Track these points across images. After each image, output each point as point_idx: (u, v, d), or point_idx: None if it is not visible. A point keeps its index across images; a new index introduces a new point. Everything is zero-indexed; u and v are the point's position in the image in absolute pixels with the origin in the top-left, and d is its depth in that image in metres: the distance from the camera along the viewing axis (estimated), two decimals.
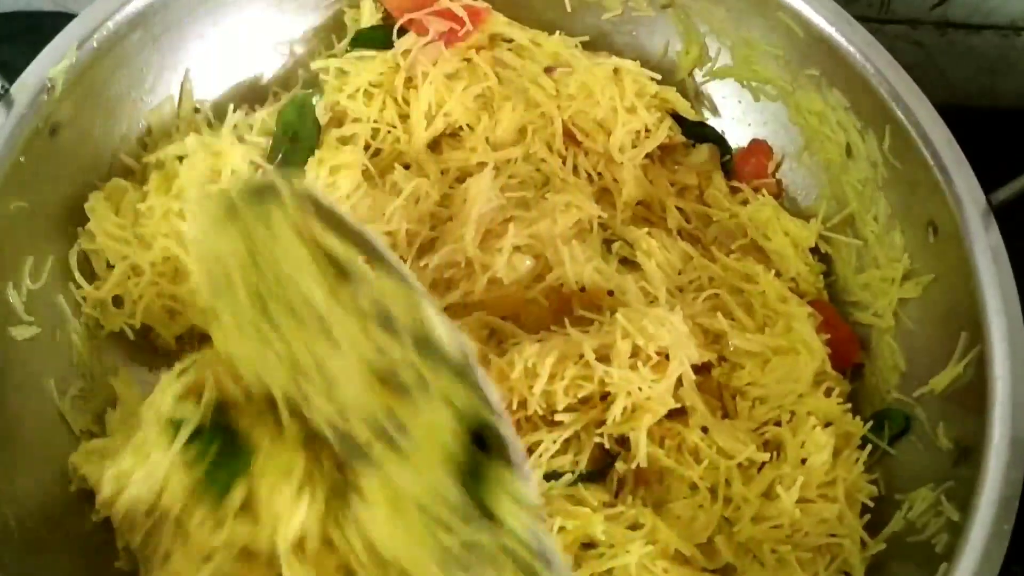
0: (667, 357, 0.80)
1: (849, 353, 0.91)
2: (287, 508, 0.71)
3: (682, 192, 0.98)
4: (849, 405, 0.86)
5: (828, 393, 0.85)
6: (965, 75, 1.18)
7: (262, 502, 0.73)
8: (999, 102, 1.20)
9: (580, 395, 0.80)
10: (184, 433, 0.72)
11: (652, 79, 0.96)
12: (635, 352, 0.80)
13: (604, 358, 0.80)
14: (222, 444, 0.74)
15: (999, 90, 1.19)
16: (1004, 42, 1.16)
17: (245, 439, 0.75)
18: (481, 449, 0.62)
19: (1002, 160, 0.84)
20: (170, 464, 0.72)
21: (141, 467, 0.72)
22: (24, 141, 0.79)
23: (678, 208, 0.96)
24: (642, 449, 0.79)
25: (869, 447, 0.83)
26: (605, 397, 0.81)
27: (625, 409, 0.79)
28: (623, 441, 0.82)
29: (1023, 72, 1.17)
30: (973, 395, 0.78)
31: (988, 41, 1.17)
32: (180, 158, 0.88)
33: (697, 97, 1.01)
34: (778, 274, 0.92)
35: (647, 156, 0.96)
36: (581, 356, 0.79)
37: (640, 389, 0.79)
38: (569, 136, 0.95)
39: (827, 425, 0.83)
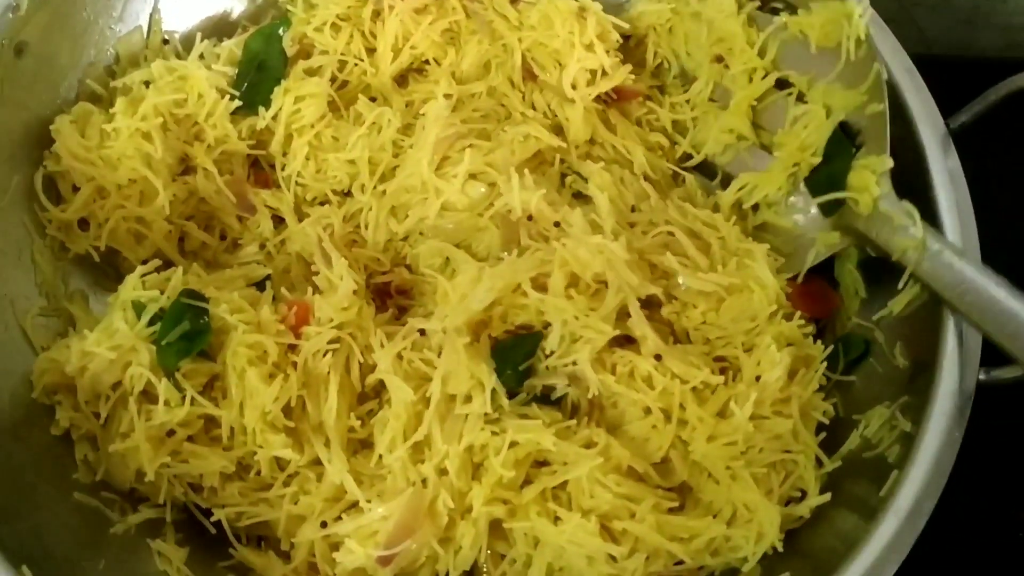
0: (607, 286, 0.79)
1: (824, 306, 0.90)
2: (258, 388, 0.76)
3: (651, 150, 0.96)
4: (811, 328, 0.86)
5: (789, 318, 0.85)
6: (940, 27, 1.19)
7: (231, 382, 0.75)
8: (975, 53, 1.21)
9: (517, 322, 0.80)
10: (150, 310, 0.75)
11: (619, 29, 0.95)
12: (574, 281, 0.80)
13: (542, 287, 0.79)
14: (192, 327, 0.77)
15: (974, 41, 1.20)
16: None
17: (218, 322, 0.77)
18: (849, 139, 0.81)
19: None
20: (135, 339, 0.75)
21: (108, 342, 0.74)
22: None
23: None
24: (590, 379, 0.78)
25: (824, 364, 0.83)
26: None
27: (563, 338, 0.79)
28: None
29: (997, 23, 1.18)
30: (929, 313, 0.78)
31: None
32: (146, 83, 0.89)
33: None
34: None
35: (609, 101, 0.95)
36: (519, 285, 0.79)
37: (576, 318, 0.78)
38: (527, 70, 0.95)
39: (788, 345, 0.82)
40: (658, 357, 0.80)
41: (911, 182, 0.82)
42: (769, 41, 0.89)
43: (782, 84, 0.90)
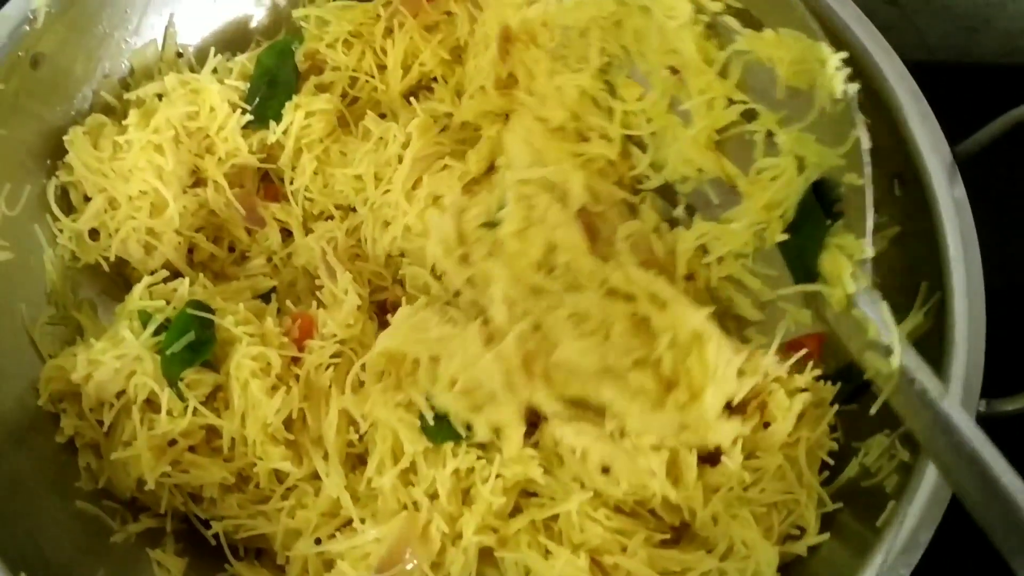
0: None
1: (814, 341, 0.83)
2: (261, 400, 0.76)
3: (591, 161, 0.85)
4: (819, 371, 0.84)
5: (800, 369, 0.81)
6: (942, 33, 1.17)
7: (234, 393, 0.75)
8: (977, 59, 1.19)
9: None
10: (155, 320, 0.76)
11: None
12: None
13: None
14: (198, 337, 0.78)
15: (976, 47, 1.19)
16: None
17: (223, 334, 0.78)
18: (825, 210, 0.67)
19: (979, 115, 0.84)
20: (140, 349, 0.76)
21: (113, 351, 0.75)
22: (4, 69, 0.82)
23: None
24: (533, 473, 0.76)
25: (835, 408, 0.82)
26: None
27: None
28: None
29: (999, 29, 1.16)
30: (932, 341, 0.78)
31: None
32: (160, 96, 0.90)
33: None
34: None
35: None
36: None
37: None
38: None
39: (802, 391, 0.81)
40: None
41: (917, 211, 0.82)
42: (732, 61, 0.74)
43: (751, 112, 0.76)
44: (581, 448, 0.74)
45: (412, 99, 0.92)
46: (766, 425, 0.79)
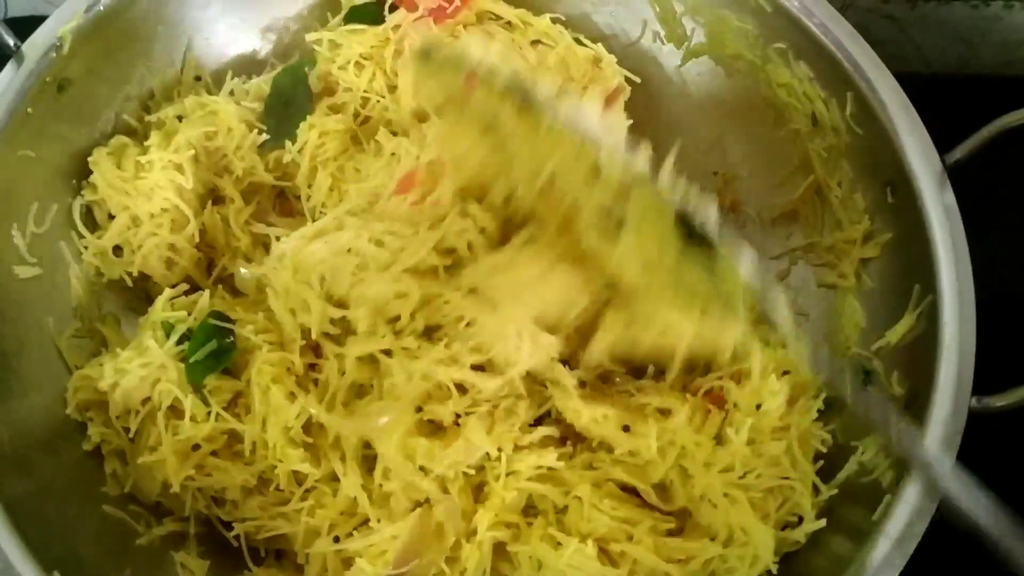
0: None
1: None
2: (282, 405, 0.79)
3: None
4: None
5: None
6: (938, 46, 1.20)
7: (255, 398, 0.79)
8: (974, 70, 1.22)
9: None
10: (178, 330, 0.80)
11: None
12: None
13: None
14: (219, 345, 0.81)
15: (973, 59, 1.21)
16: (974, 12, 1.17)
17: (243, 342, 0.81)
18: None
19: (977, 125, 0.86)
20: (165, 357, 0.79)
21: (139, 359, 0.79)
22: (33, 94, 0.86)
23: None
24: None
25: (823, 394, 0.85)
26: None
27: None
28: None
29: (995, 41, 1.19)
30: (925, 343, 0.81)
31: (958, 12, 1.18)
32: (179, 117, 0.94)
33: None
34: None
35: None
36: None
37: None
38: None
39: (785, 373, 0.85)
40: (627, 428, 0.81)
41: (909, 217, 0.85)
42: None
43: None
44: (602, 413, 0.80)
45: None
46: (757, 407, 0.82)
